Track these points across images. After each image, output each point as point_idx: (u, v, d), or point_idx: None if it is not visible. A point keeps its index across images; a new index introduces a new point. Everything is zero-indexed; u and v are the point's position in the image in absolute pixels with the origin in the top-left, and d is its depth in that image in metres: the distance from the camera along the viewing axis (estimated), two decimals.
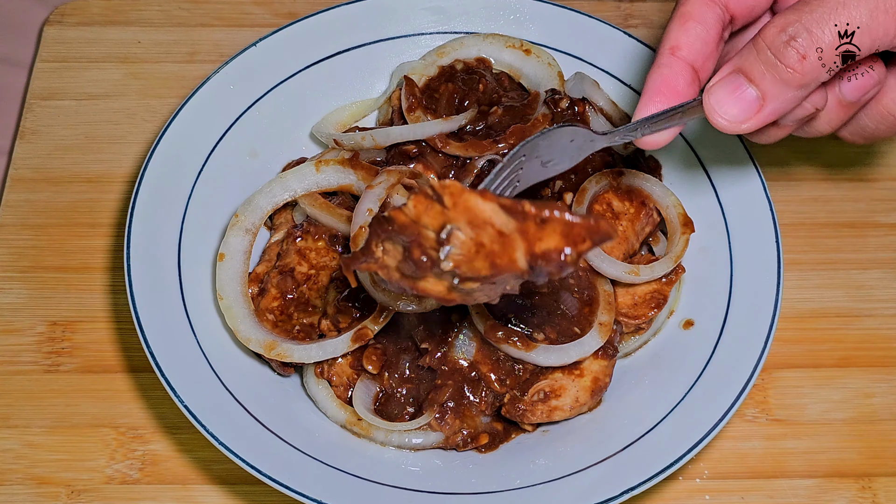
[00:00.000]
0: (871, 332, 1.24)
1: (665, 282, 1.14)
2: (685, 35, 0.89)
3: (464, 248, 0.80)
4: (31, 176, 1.32)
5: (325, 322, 1.12)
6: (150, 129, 1.36)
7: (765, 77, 0.83)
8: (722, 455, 1.16)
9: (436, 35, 1.29)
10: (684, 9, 0.90)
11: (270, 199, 1.15)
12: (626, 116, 1.25)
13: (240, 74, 1.21)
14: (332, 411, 1.09)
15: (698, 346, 1.10)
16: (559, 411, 1.08)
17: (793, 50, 0.82)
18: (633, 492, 0.98)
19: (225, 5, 1.48)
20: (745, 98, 0.84)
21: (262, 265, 1.16)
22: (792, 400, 1.20)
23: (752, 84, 0.84)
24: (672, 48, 0.89)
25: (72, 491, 1.11)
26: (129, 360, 1.20)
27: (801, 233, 1.30)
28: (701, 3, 0.90)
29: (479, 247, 0.80)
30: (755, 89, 0.84)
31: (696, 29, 0.89)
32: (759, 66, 0.83)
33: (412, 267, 0.81)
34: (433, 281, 0.82)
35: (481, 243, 0.80)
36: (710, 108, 0.86)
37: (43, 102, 1.38)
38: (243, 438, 1.00)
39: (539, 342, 1.07)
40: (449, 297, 0.83)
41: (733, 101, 0.85)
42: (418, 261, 0.81)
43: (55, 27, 1.44)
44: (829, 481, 1.15)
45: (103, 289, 1.25)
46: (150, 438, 1.15)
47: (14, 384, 1.18)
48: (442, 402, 1.07)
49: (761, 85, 0.84)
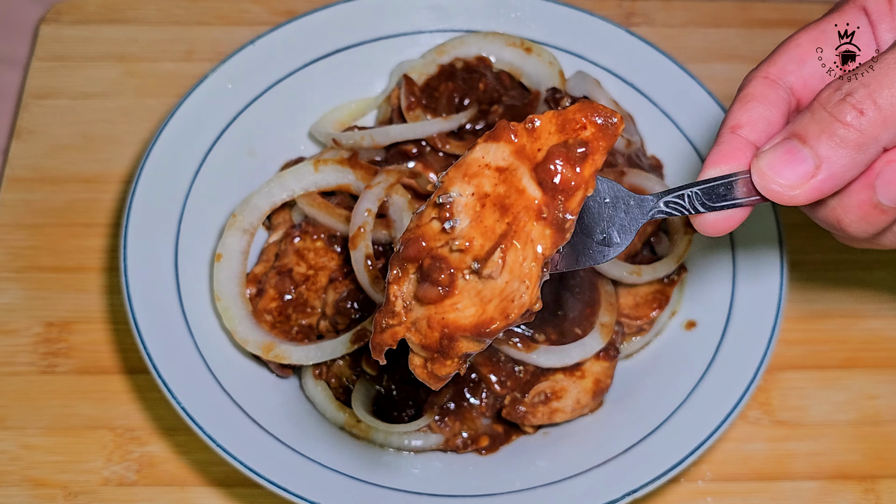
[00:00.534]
0: (875, 334, 1.24)
1: (667, 282, 1.14)
2: (746, 114, 0.82)
3: (467, 208, 0.75)
4: (27, 175, 1.31)
5: (324, 323, 1.11)
6: (146, 129, 1.35)
7: (820, 138, 0.76)
8: (724, 457, 1.15)
9: (436, 33, 1.28)
10: (746, 91, 0.84)
11: (268, 199, 1.15)
12: (629, 116, 1.24)
13: (237, 73, 1.21)
14: (331, 413, 1.08)
15: (701, 347, 1.10)
16: (560, 413, 1.07)
17: (848, 105, 0.75)
18: (635, 494, 0.97)
19: (222, 3, 1.47)
20: (799, 160, 0.76)
21: (260, 265, 1.15)
22: (795, 402, 1.19)
23: (806, 146, 0.77)
24: (732, 127, 0.82)
25: (68, 493, 1.11)
26: (126, 362, 1.20)
27: (805, 233, 1.29)
28: (763, 85, 0.83)
29: (484, 198, 0.75)
30: (810, 151, 0.76)
31: (758, 109, 0.82)
32: (813, 126, 0.76)
33: (428, 286, 0.75)
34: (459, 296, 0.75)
35: (485, 194, 0.75)
36: (761, 173, 0.77)
37: (39, 101, 1.37)
38: (241, 440, 0.99)
39: (540, 343, 1.07)
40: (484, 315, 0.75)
41: (786, 163, 0.77)
42: (433, 263, 0.75)
43: (51, 25, 1.43)
44: (833, 483, 1.14)
45: (100, 289, 1.24)
46: (146, 440, 1.15)
47: (10, 385, 1.17)
48: (442, 403, 1.06)
49: (816, 147, 0.76)
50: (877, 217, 0.79)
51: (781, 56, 0.84)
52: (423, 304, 0.76)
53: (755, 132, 0.81)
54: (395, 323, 0.77)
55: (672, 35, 1.46)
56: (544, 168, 0.73)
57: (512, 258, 0.74)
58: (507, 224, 0.74)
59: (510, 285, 0.74)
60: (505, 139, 0.75)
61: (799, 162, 0.76)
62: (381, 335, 0.78)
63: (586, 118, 0.74)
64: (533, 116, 0.75)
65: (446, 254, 0.75)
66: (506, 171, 0.75)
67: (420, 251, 0.76)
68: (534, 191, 0.74)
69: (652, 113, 1.23)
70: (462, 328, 0.75)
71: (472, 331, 0.75)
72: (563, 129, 0.74)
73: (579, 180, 0.73)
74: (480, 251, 0.74)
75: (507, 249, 0.74)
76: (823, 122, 0.76)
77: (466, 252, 0.74)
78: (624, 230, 0.81)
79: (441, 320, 0.75)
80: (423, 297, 0.75)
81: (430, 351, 0.77)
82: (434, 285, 0.75)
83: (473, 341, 0.75)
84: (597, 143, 0.74)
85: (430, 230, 0.76)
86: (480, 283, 0.75)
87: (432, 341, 0.76)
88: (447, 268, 0.75)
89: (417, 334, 0.77)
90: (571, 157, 0.73)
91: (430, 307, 0.76)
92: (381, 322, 0.78)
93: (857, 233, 0.81)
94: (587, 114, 0.74)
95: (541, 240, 0.74)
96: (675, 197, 0.80)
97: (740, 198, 0.79)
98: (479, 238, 0.74)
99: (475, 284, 0.75)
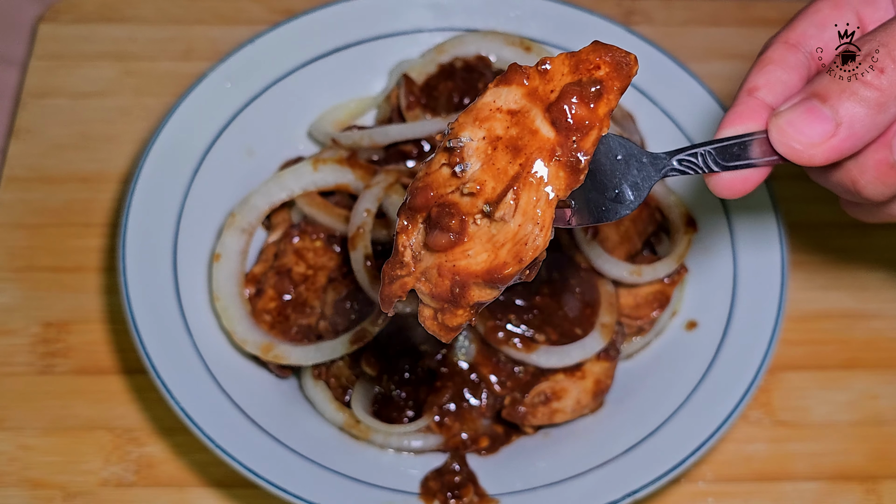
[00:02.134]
0: (876, 334, 1.24)
1: (668, 282, 1.14)
2: (764, 77, 0.81)
3: (478, 152, 0.73)
4: (25, 175, 1.31)
5: (323, 323, 1.11)
6: (145, 128, 1.35)
7: (841, 97, 0.75)
8: (725, 458, 1.15)
9: (435, 32, 1.28)
10: (765, 55, 0.83)
11: (267, 199, 1.14)
12: (629, 115, 1.24)
13: (236, 72, 1.20)
14: (331, 413, 1.08)
15: (702, 347, 1.09)
16: (560, 413, 1.07)
17: (868, 65, 0.75)
18: (636, 495, 0.97)
19: (221, 2, 1.47)
20: (820, 119, 0.75)
21: (259, 265, 1.15)
22: (796, 402, 1.19)
23: (826, 105, 0.76)
24: (749, 90, 0.81)
25: (67, 494, 1.11)
26: (125, 362, 1.19)
27: (806, 232, 1.29)
28: (783, 49, 0.83)
29: (495, 141, 0.73)
30: (830, 111, 0.75)
31: (776, 72, 0.81)
32: (834, 86, 0.76)
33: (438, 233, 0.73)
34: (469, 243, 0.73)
35: (496, 137, 0.73)
36: (781, 130, 0.76)
37: (37, 101, 1.37)
38: (240, 441, 0.99)
39: (540, 343, 1.07)
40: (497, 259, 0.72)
41: (806, 122, 0.76)
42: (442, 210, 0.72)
43: (49, 24, 1.43)
44: (834, 484, 1.14)
45: (98, 289, 1.24)
46: (145, 441, 1.14)
47: (8, 386, 1.17)
48: (441, 404, 1.06)
49: (837, 106, 0.75)
50: (894, 177, 0.78)
51: (801, 21, 0.84)
52: (433, 253, 0.74)
53: (772, 94, 0.81)
54: (405, 274, 0.75)
55: (672, 34, 1.45)
56: (558, 107, 0.71)
57: (525, 200, 0.72)
58: (519, 165, 0.72)
59: (523, 228, 0.72)
60: (517, 82, 0.74)
61: (819, 121, 0.75)
62: (389, 287, 0.76)
63: (600, 58, 0.72)
64: (545, 58, 0.74)
65: (456, 199, 0.73)
66: (518, 113, 0.73)
67: (429, 199, 0.74)
68: (547, 131, 0.72)
69: (652, 112, 1.23)
70: (474, 274, 0.73)
71: (484, 276, 0.73)
72: (577, 70, 0.72)
73: (593, 119, 0.72)
74: (492, 194, 0.72)
75: (521, 191, 0.72)
76: (843, 81, 0.75)
77: (478, 196, 0.73)
78: (637, 188, 0.79)
79: (452, 268, 0.73)
80: (433, 245, 0.73)
81: (440, 301, 0.74)
82: (444, 232, 0.73)
83: (486, 288, 0.73)
84: (611, 83, 0.72)
85: (439, 177, 0.74)
86: (493, 227, 0.73)
87: (443, 290, 0.74)
88: (457, 213, 0.73)
89: (427, 284, 0.74)
90: (585, 95, 0.71)
91: (440, 255, 0.73)
92: (390, 273, 0.76)
93: (873, 195, 0.79)
94: (601, 53, 0.72)
95: (554, 181, 0.72)
96: (687, 155, 0.79)
97: (755, 158, 0.78)
98: (491, 181, 0.72)
99: (487, 230, 0.73)
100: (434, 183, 0.74)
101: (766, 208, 1.13)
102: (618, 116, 1.23)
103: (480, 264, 0.73)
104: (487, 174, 0.73)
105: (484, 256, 0.73)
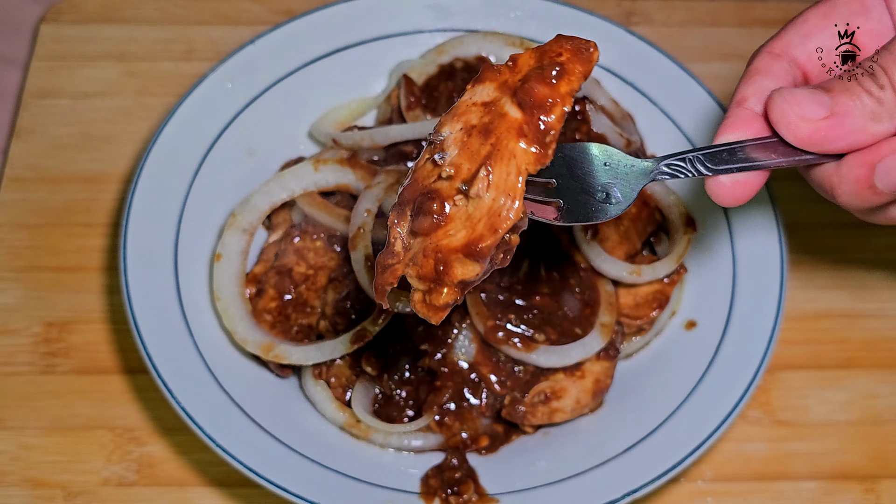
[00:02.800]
0: (875, 333, 1.24)
1: (667, 282, 1.14)
2: (752, 87, 0.84)
3: (455, 141, 0.78)
4: (26, 175, 1.31)
5: (324, 323, 1.11)
6: (146, 128, 1.35)
7: (842, 93, 0.78)
8: (725, 457, 1.15)
9: (435, 33, 1.28)
10: (752, 66, 0.86)
11: (268, 199, 1.14)
12: (629, 115, 1.24)
13: (237, 72, 1.20)
14: (331, 413, 1.08)
15: (701, 347, 1.09)
16: (560, 413, 1.07)
17: (870, 78, 0.78)
18: (635, 495, 0.97)
19: (222, 3, 1.47)
20: (818, 101, 0.79)
21: (260, 265, 1.15)
22: (795, 401, 1.19)
23: (827, 95, 0.79)
24: (739, 101, 0.84)
25: (68, 493, 1.11)
26: (126, 362, 1.19)
27: (805, 232, 1.29)
28: (768, 59, 0.86)
29: (470, 130, 0.78)
30: (830, 100, 0.79)
31: (763, 81, 0.84)
32: (838, 84, 0.79)
33: (421, 217, 0.78)
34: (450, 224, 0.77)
35: (471, 126, 0.78)
36: (781, 97, 0.79)
37: (39, 101, 1.37)
38: (240, 440, 0.99)
39: (540, 343, 1.07)
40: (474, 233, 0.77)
41: (805, 99, 0.79)
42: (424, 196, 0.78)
43: (51, 25, 1.43)
44: (833, 483, 1.14)
45: (99, 289, 1.24)
46: (146, 440, 1.14)
47: (9, 385, 1.17)
48: (441, 403, 1.06)
49: (837, 98, 0.79)
50: (870, 196, 0.81)
51: (788, 31, 0.87)
52: (420, 238, 0.78)
53: (761, 103, 0.83)
54: (395, 262, 0.80)
55: (671, 34, 1.45)
56: (522, 90, 0.77)
57: (497, 174, 0.77)
58: (490, 145, 0.77)
59: (496, 201, 0.77)
60: (490, 78, 0.79)
61: (817, 103, 0.79)
62: (382, 275, 0.81)
63: (561, 46, 0.78)
64: (514, 55, 0.79)
65: (437, 186, 0.78)
66: (490, 103, 0.78)
67: (415, 191, 0.79)
68: (514, 113, 0.77)
69: (651, 112, 1.23)
70: (454, 250, 0.77)
71: (463, 250, 0.77)
72: (541, 59, 0.78)
73: (555, 95, 0.76)
74: (468, 174, 0.77)
75: (493, 165, 0.77)
76: (847, 83, 0.79)
77: (455, 178, 0.77)
78: (625, 191, 0.83)
79: (434, 248, 0.78)
80: (419, 230, 0.78)
81: (426, 281, 0.79)
82: (427, 215, 0.77)
83: (467, 263, 0.77)
84: (572, 66, 0.77)
85: (424, 171, 0.80)
86: (469, 205, 0.77)
87: (427, 270, 0.78)
88: (438, 197, 0.77)
89: (415, 267, 0.79)
90: (546, 76, 0.76)
91: (425, 239, 0.78)
92: (383, 262, 0.80)
93: (847, 204, 0.83)
94: (562, 43, 0.78)
95: (524, 157, 0.76)
96: (677, 160, 0.82)
97: (745, 163, 0.81)
98: (466, 162, 0.77)
99: (465, 209, 0.77)
100: (420, 177, 0.80)
101: (765, 208, 1.13)
102: (617, 117, 1.23)
103: (460, 240, 0.77)
104: (463, 157, 0.78)
105: (463, 233, 0.77)
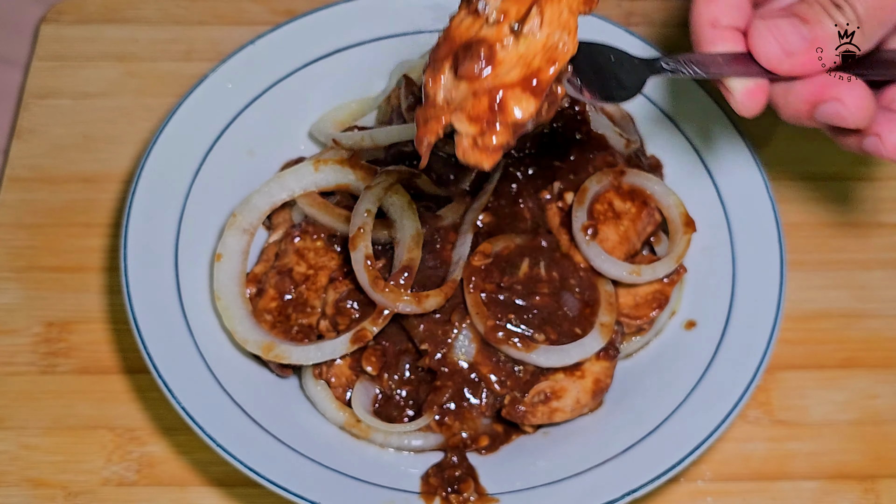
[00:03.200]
0: (875, 333, 1.24)
1: (667, 282, 1.14)
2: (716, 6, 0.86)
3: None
4: (27, 175, 1.31)
5: (324, 323, 1.11)
6: (146, 128, 1.35)
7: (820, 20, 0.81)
8: (724, 457, 1.15)
9: (436, 33, 1.27)
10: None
11: (268, 199, 1.15)
12: (628, 116, 1.24)
13: (237, 73, 1.21)
14: (331, 413, 1.08)
15: (700, 347, 1.09)
16: (560, 413, 1.07)
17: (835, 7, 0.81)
18: (635, 494, 0.97)
19: (222, 3, 1.47)
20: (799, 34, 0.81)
21: (260, 265, 1.15)
22: (795, 401, 1.19)
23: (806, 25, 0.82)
24: (711, 22, 0.85)
25: (68, 493, 1.11)
26: (126, 362, 1.19)
27: (805, 232, 1.29)
28: None
29: None
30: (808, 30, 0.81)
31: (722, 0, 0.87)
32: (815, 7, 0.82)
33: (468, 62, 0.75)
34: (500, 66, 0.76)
35: None
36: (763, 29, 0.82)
37: (39, 101, 1.37)
38: (241, 440, 0.99)
39: (540, 343, 1.07)
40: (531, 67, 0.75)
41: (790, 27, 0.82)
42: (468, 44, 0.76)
43: (51, 25, 1.43)
44: (833, 483, 1.14)
45: (100, 289, 1.24)
46: (147, 440, 1.14)
47: (10, 385, 1.17)
48: (441, 403, 1.06)
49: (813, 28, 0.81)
50: (806, 123, 0.87)
51: None
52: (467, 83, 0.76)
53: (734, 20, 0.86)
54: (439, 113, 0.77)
55: (671, 35, 1.45)
56: None
57: (549, 13, 0.76)
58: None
59: (551, 36, 0.76)
60: None
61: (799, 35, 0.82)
62: (424, 127, 0.78)
63: None
64: None
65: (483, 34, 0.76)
66: None
67: (452, 46, 0.77)
68: None
69: (651, 113, 1.23)
70: (510, 85, 0.75)
71: (521, 84, 0.75)
72: None
73: None
74: (517, 16, 0.76)
75: (545, 6, 0.76)
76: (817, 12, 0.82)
77: (503, 21, 0.76)
78: (633, 80, 0.88)
79: (487, 87, 0.76)
80: (466, 74, 0.76)
81: (479, 122, 0.76)
82: (475, 59, 0.75)
83: (523, 99, 0.75)
84: None
85: (462, 27, 0.78)
86: (521, 45, 0.76)
87: (481, 110, 0.76)
88: (486, 42, 0.76)
89: (463, 112, 0.76)
90: None
91: (473, 83, 0.76)
92: (423, 115, 0.78)
93: (787, 119, 0.88)
94: None
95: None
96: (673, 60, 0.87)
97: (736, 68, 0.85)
98: (514, 6, 0.76)
99: (515, 50, 0.76)
100: (455, 34, 0.77)
101: (764, 209, 1.13)
102: (617, 117, 1.23)
103: (515, 77, 0.76)
104: (509, 2, 0.76)
105: (517, 70, 0.76)
